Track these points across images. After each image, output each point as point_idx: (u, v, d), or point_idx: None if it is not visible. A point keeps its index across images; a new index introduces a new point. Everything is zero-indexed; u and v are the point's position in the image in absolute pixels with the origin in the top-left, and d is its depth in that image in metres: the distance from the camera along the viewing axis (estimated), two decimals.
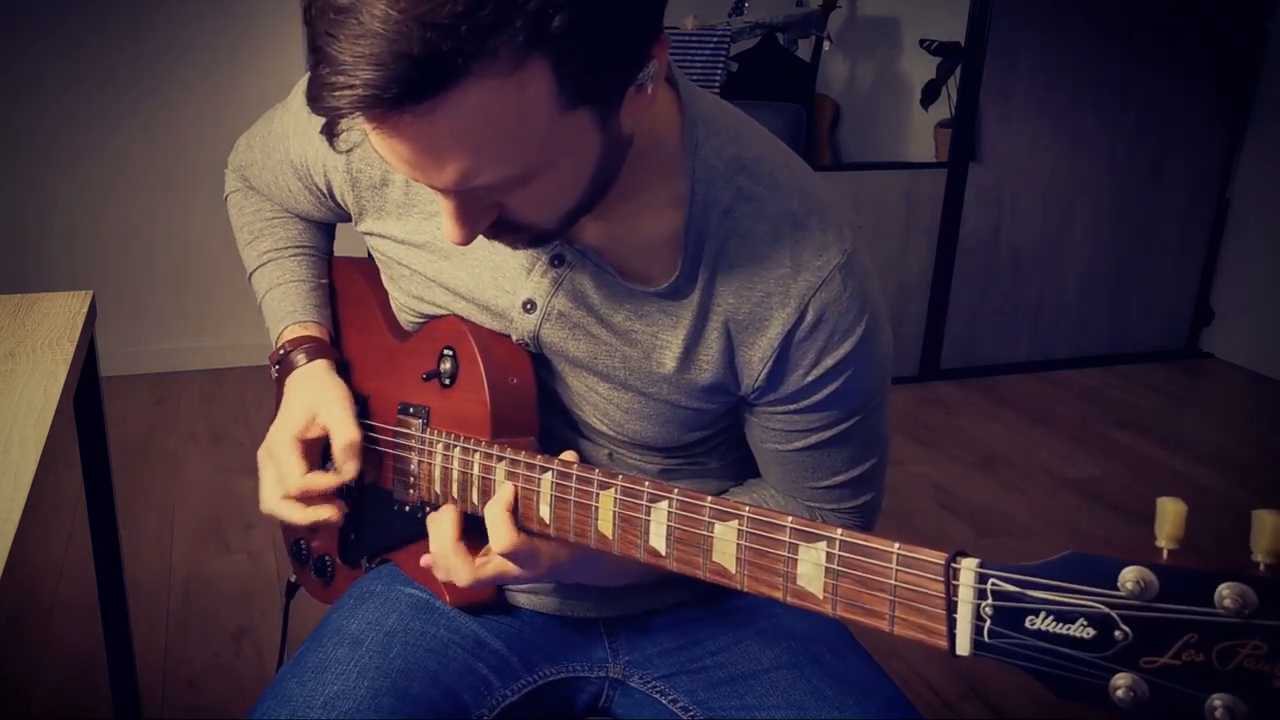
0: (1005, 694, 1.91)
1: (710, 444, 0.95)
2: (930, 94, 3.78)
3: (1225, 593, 0.46)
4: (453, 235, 0.73)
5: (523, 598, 0.99)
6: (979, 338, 3.58)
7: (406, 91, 0.59)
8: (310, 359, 0.99)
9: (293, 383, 0.98)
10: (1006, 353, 3.62)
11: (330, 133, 0.68)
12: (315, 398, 0.96)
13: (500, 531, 0.81)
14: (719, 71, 3.65)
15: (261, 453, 0.97)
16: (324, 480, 0.92)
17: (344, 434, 0.93)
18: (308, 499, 0.93)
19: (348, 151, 0.91)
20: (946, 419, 3.21)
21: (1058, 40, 3.32)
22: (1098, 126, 3.46)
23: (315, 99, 0.62)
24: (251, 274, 1.07)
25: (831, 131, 4.45)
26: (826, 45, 4.21)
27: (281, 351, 1.01)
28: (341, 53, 0.59)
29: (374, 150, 0.88)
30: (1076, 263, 3.59)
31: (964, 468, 2.86)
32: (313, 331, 1.02)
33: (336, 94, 0.60)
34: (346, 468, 0.93)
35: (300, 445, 0.94)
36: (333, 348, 1.03)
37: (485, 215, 0.73)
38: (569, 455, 0.82)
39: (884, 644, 2.02)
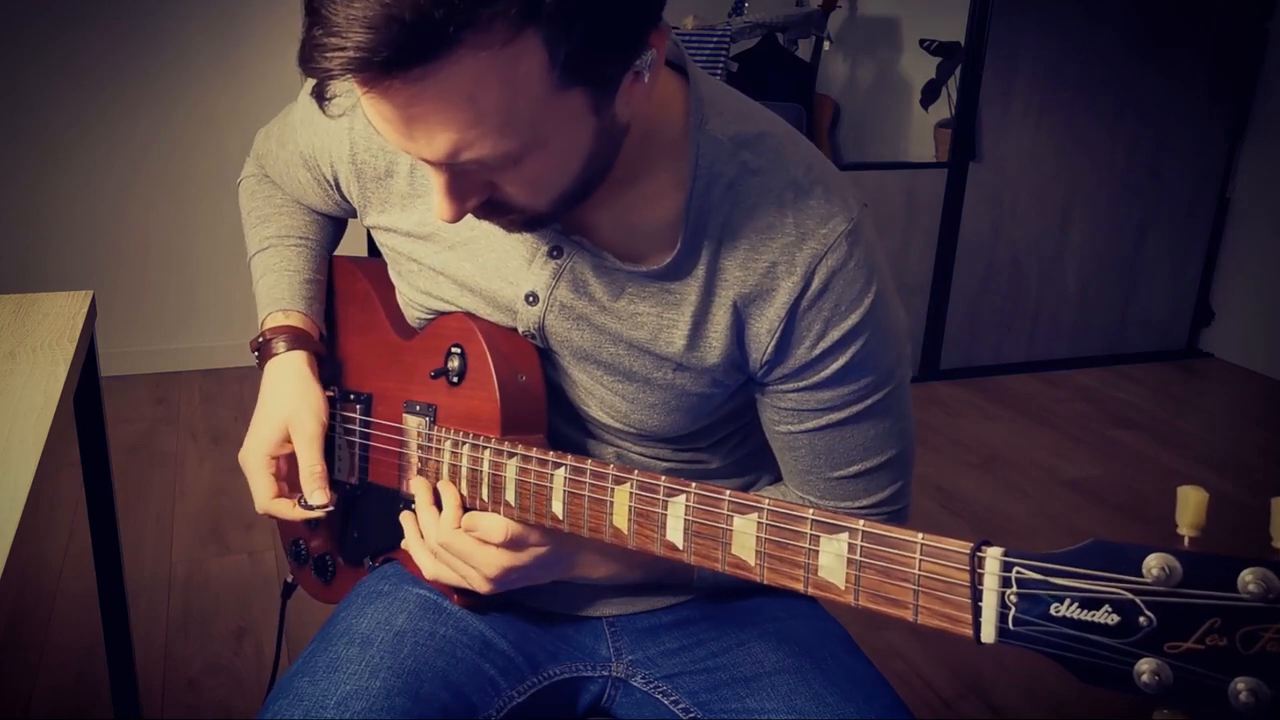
0: (1005, 693, 1.91)
1: (717, 437, 0.95)
2: (930, 94, 3.79)
3: (1249, 578, 0.46)
4: (442, 211, 0.73)
5: (528, 597, 0.98)
6: (979, 338, 3.58)
7: (396, 56, 0.59)
8: (289, 348, 0.99)
9: (270, 376, 0.99)
10: (1006, 353, 3.62)
11: (320, 95, 0.68)
12: (288, 408, 0.96)
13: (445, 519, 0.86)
14: (719, 71, 3.65)
15: (240, 459, 0.99)
16: (290, 513, 0.96)
17: (309, 463, 0.94)
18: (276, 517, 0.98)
19: (351, 144, 0.91)
20: (946, 419, 3.21)
21: (1058, 40, 3.33)
22: (1098, 126, 3.46)
23: (306, 59, 0.62)
24: (251, 258, 1.07)
25: (831, 131, 4.46)
26: (826, 45, 4.22)
27: (262, 339, 1.01)
28: (334, 14, 0.60)
29: (380, 142, 0.89)
30: (1076, 262, 3.60)
31: (964, 468, 2.86)
32: (295, 321, 1.01)
33: (327, 55, 0.60)
34: (313, 498, 0.94)
35: (272, 463, 0.97)
36: (317, 341, 1.03)
37: (476, 193, 0.73)
38: None
39: (885, 644, 2.02)
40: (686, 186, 0.80)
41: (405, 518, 0.92)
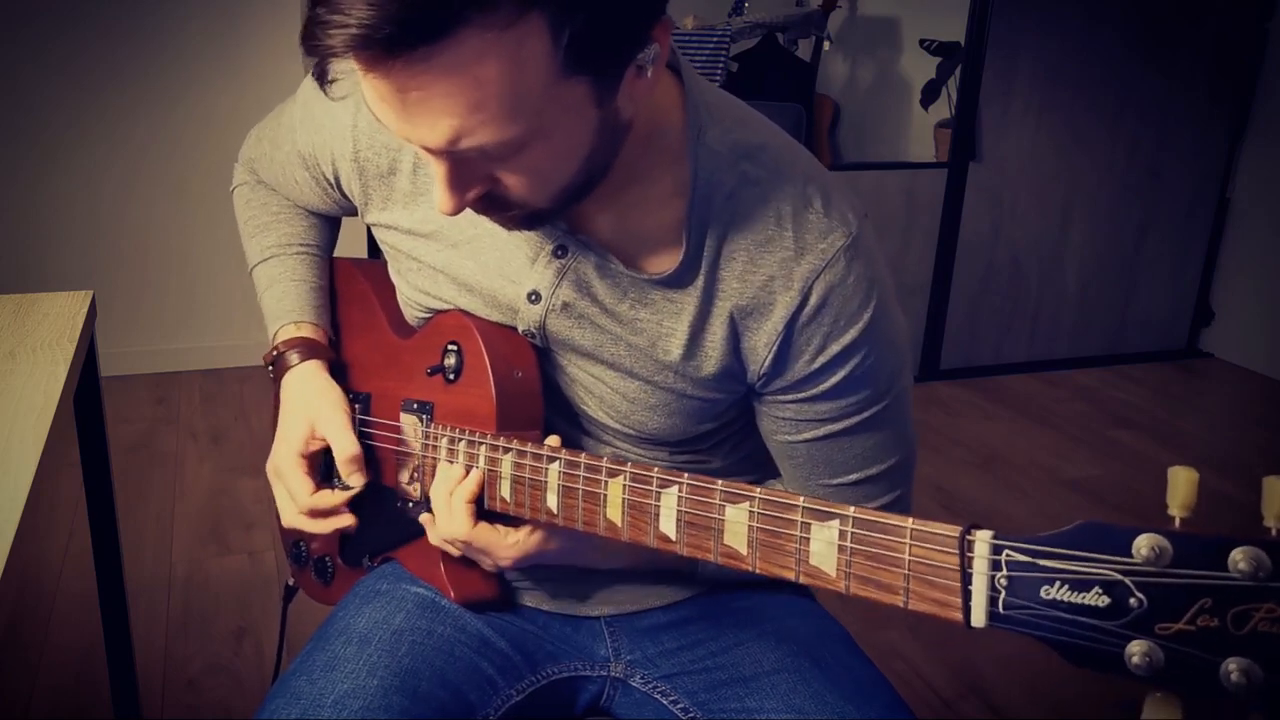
0: (1005, 693, 1.90)
1: (716, 438, 0.94)
2: (930, 94, 3.79)
3: (1239, 557, 0.46)
4: (442, 203, 0.72)
5: (527, 596, 0.99)
6: (979, 338, 3.58)
7: (399, 34, 0.59)
8: (304, 359, 0.99)
9: (288, 387, 0.99)
10: (1006, 353, 3.62)
11: (321, 76, 0.67)
12: (312, 408, 0.96)
13: (458, 519, 0.85)
14: (719, 71, 3.66)
15: (269, 470, 0.99)
16: (333, 498, 0.95)
17: (344, 448, 0.94)
18: (319, 514, 0.96)
19: (354, 141, 0.91)
20: (946, 419, 3.21)
21: (1058, 40, 3.33)
22: (1098, 126, 3.46)
23: (309, 37, 0.61)
24: (253, 269, 1.07)
25: (831, 131, 4.46)
26: (826, 45, 4.23)
27: (275, 352, 1.01)
28: None
29: (384, 140, 0.89)
30: (1076, 262, 3.60)
31: (964, 468, 2.85)
32: (307, 332, 1.02)
33: (330, 32, 0.59)
34: (352, 480, 0.95)
35: (304, 461, 0.96)
36: (330, 349, 1.03)
37: (477, 184, 0.73)
38: (553, 440, 0.82)
39: (885, 644, 2.02)
40: (686, 194, 0.80)
41: (426, 520, 0.91)
